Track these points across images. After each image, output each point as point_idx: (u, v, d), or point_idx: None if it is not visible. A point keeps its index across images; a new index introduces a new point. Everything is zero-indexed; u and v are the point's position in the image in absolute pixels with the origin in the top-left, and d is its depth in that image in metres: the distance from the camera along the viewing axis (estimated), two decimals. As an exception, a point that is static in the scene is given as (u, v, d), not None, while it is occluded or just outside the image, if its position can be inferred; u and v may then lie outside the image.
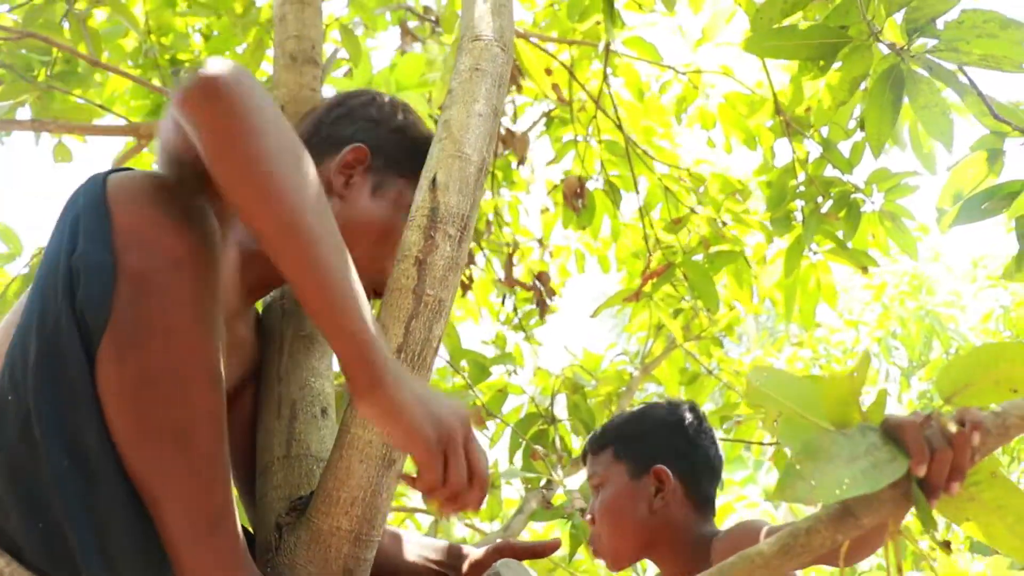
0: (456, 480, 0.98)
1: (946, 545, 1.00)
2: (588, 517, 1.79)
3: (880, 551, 1.08)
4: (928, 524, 0.92)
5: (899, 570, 1.03)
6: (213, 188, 1.00)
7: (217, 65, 0.97)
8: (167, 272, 0.97)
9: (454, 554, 1.44)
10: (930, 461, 0.92)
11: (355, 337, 0.96)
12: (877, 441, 0.97)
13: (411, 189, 1.36)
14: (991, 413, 1.01)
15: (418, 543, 1.46)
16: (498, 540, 1.43)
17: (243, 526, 1.30)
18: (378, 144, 1.39)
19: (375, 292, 1.32)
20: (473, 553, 1.43)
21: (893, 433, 0.97)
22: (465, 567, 1.42)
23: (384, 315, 1.21)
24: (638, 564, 2.38)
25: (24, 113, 2.64)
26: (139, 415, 0.96)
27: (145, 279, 0.96)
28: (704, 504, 1.78)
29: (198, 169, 1.00)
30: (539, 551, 1.41)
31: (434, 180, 1.27)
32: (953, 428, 0.96)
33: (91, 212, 0.98)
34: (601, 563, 3.16)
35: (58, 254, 0.99)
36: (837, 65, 1.99)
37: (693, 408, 1.89)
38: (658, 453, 1.77)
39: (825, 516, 1.03)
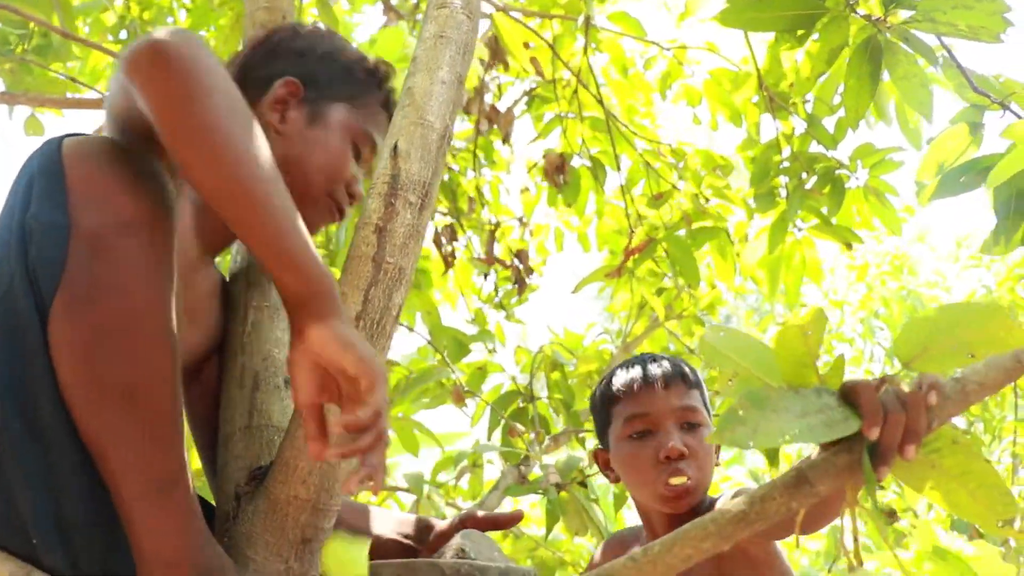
0: (381, 419, 0.97)
1: (891, 515, 1.00)
2: (680, 449, 1.58)
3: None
4: (871, 490, 0.92)
5: (855, 539, 1.03)
6: (163, 149, 1.00)
7: (164, 31, 0.98)
8: (120, 232, 0.96)
9: (420, 527, 1.44)
10: (883, 423, 0.92)
11: (314, 276, 0.99)
12: (832, 402, 0.96)
13: (349, 113, 1.38)
14: (950, 379, 1.01)
15: (385, 517, 1.45)
16: (462, 512, 1.43)
17: (203, 498, 1.30)
18: (308, 74, 1.38)
19: (340, 212, 1.38)
20: (438, 525, 1.43)
21: (849, 396, 0.96)
22: (431, 539, 1.41)
23: (343, 282, 1.20)
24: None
25: (-1, 86, 2.62)
26: (90, 375, 0.95)
27: (98, 239, 0.95)
28: None
29: (146, 132, 1.00)
30: (502, 522, 1.41)
31: (395, 147, 1.26)
32: (908, 391, 0.95)
33: (45, 174, 0.98)
34: (579, 539, 3.15)
35: (12, 216, 0.98)
36: (815, 36, 1.98)
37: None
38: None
39: (781, 484, 1.02)
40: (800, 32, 1.94)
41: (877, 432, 0.91)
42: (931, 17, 1.84)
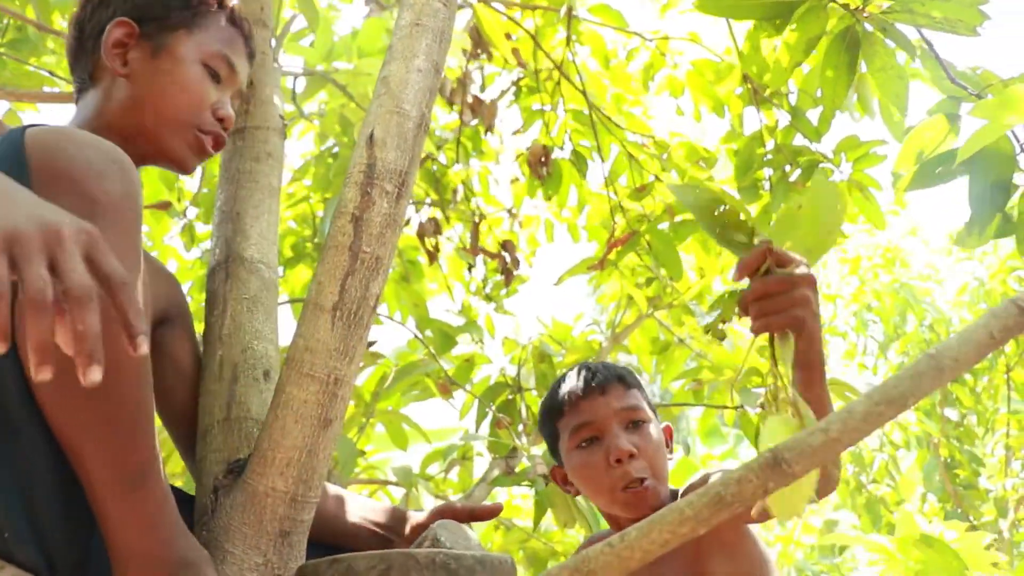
0: (33, 292, 0.75)
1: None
2: (628, 450, 1.59)
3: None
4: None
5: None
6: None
7: None
8: (86, 218, 0.95)
9: (397, 517, 1.43)
10: None
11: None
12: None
13: (193, 38, 1.37)
14: (924, 355, 1.03)
15: (361, 505, 1.45)
16: (440, 503, 1.42)
17: (182, 489, 1.29)
18: (139, 11, 1.36)
19: (214, 146, 1.37)
20: (415, 517, 1.42)
21: None
22: (407, 530, 1.41)
23: (320, 272, 1.19)
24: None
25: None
26: (58, 368, 0.94)
27: None
28: None
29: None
30: (479, 513, 1.40)
31: (371, 136, 1.25)
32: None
33: (9, 163, 0.96)
34: (572, 531, 3.16)
35: None
36: (793, 27, 1.98)
37: None
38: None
39: (757, 465, 1.02)
40: (778, 21, 1.93)
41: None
42: (909, 8, 1.84)
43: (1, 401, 0.94)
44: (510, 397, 2.99)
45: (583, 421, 1.63)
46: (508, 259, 3.25)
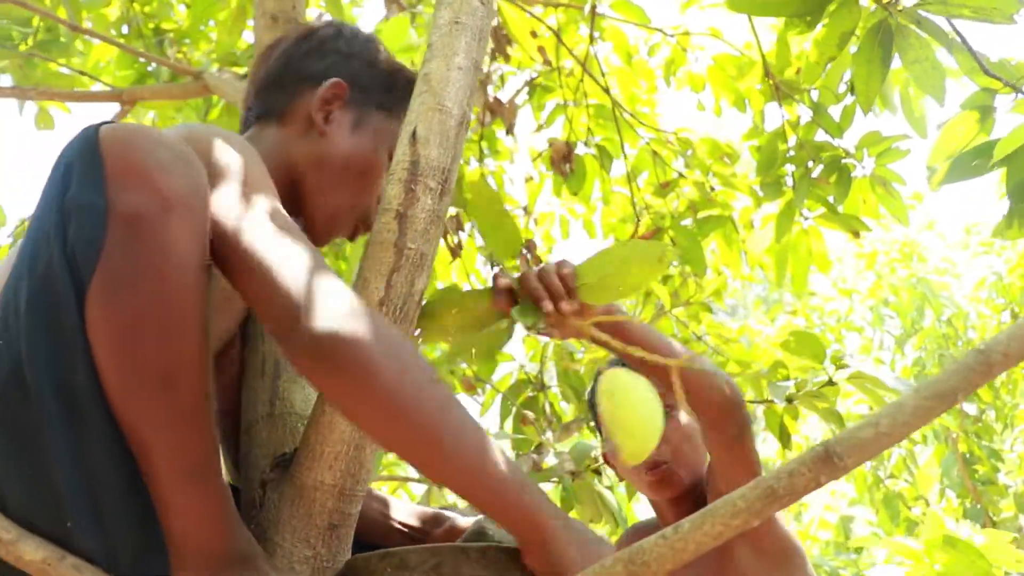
0: None
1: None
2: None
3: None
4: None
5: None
6: None
7: (328, 318, 0.99)
8: (157, 215, 0.96)
9: (438, 519, 1.44)
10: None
11: (525, 524, 1.05)
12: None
13: (389, 122, 1.40)
14: (973, 351, 1.02)
15: (404, 508, 1.45)
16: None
17: (231, 484, 1.30)
18: (354, 77, 1.40)
19: (364, 226, 1.40)
20: (459, 521, 1.42)
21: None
22: (439, 531, 1.42)
23: (365, 269, 1.20)
24: None
25: (5, 81, 2.62)
26: (126, 359, 0.95)
27: (136, 221, 0.94)
28: None
29: None
30: None
31: (414, 133, 1.26)
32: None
33: (83, 157, 0.97)
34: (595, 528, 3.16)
35: (50, 200, 0.98)
36: (825, 21, 1.98)
37: None
38: None
39: (809, 458, 1.03)
40: (809, 17, 1.93)
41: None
42: (943, 0, 1.84)
43: (70, 392, 0.94)
44: (532, 394, 2.99)
45: None
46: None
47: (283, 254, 1.03)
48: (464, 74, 1.33)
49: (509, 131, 3.43)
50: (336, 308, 0.99)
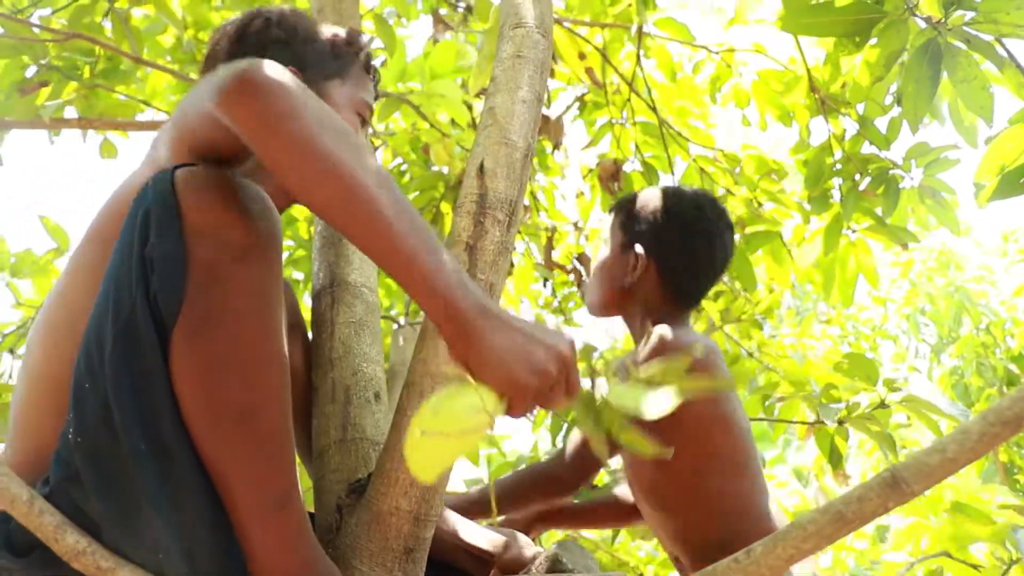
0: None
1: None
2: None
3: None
4: None
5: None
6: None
7: (246, 62, 1.00)
8: (235, 261, 1.00)
9: (508, 546, 1.46)
10: None
11: (436, 293, 0.95)
12: None
13: (344, 87, 1.44)
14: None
15: (472, 530, 1.48)
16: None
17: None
18: (300, 59, 1.43)
19: None
20: (526, 551, 1.42)
21: None
22: (506, 554, 1.43)
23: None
24: None
25: (70, 111, 2.70)
26: (210, 398, 0.99)
27: (214, 268, 0.99)
28: (679, 296, 1.84)
29: (230, 159, 1.07)
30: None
31: (481, 166, 1.30)
32: None
33: (161, 206, 1.02)
34: (646, 544, 3.17)
35: (130, 246, 1.02)
36: (873, 41, 1.99)
37: (711, 205, 1.90)
38: (646, 237, 1.84)
39: (876, 484, 1.05)
40: (859, 38, 1.95)
41: None
42: (993, 18, 1.85)
43: (156, 431, 0.99)
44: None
45: None
46: (583, 272, 3.28)
47: None
48: (528, 107, 1.36)
49: (556, 147, 3.46)
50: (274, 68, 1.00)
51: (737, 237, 2.92)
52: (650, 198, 1.91)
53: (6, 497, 1.02)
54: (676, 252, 1.82)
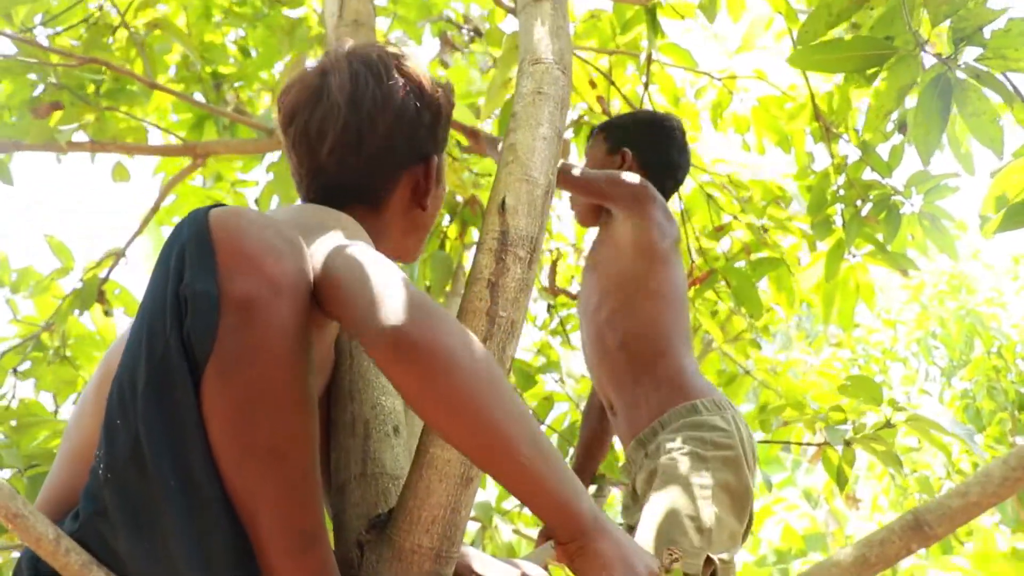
0: None
1: None
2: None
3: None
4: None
5: None
6: None
7: (402, 311, 1.00)
8: (267, 301, 1.01)
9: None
10: None
11: (559, 507, 1.06)
12: None
13: (440, 156, 1.49)
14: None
15: (487, 563, 1.48)
16: None
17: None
18: (436, 145, 1.46)
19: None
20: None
21: None
22: None
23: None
24: None
25: (80, 133, 2.71)
26: (240, 436, 1.00)
27: (247, 307, 1.00)
28: (658, 187, 2.23)
29: None
30: None
31: (503, 203, 1.30)
32: None
33: (196, 244, 1.03)
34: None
35: (164, 284, 1.03)
36: (883, 76, 2.01)
37: (679, 127, 2.41)
38: (631, 141, 2.32)
39: (898, 527, 1.06)
40: (868, 72, 1.97)
41: None
42: (1002, 54, 1.87)
43: (186, 468, 1.00)
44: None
45: None
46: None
47: (367, 265, 1.06)
48: (548, 144, 1.38)
49: (559, 169, 3.49)
50: (412, 304, 1.01)
51: (742, 264, 2.95)
52: (624, 116, 2.55)
53: (32, 536, 1.03)
54: (651, 148, 2.32)
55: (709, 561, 1.75)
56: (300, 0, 3.21)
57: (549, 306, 3.49)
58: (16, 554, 2.42)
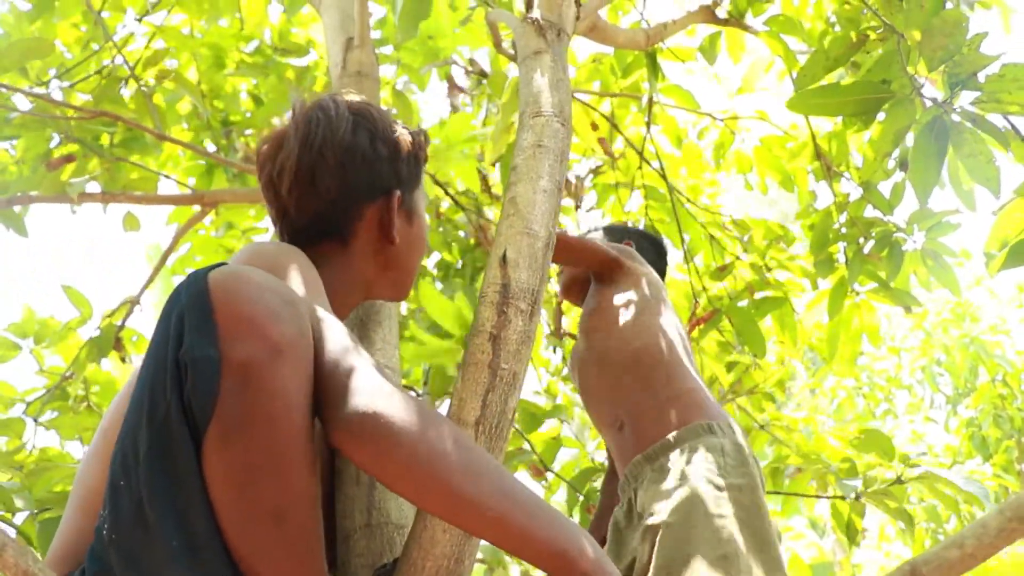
0: None
1: None
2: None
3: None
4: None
5: None
6: None
7: (367, 397, 1.05)
8: (267, 364, 1.02)
9: None
10: None
11: (554, 554, 1.06)
12: None
13: (419, 192, 1.51)
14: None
15: None
16: None
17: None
18: (399, 178, 1.47)
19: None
20: None
21: None
22: None
23: (462, 390, 1.26)
24: None
25: (92, 184, 2.75)
26: (242, 498, 1.01)
27: (248, 371, 1.01)
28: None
29: None
30: None
31: (504, 257, 1.33)
32: None
33: (195, 308, 1.04)
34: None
35: (164, 348, 1.05)
36: (880, 116, 2.04)
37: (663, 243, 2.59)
38: (631, 236, 2.45)
39: (897, 578, 1.07)
40: (866, 116, 2.00)
41: None
42: (997, 98, 1.90)
43: (189, 530, 1.01)
44: (597, 483, 3.00)
45: None
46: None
47: (337, 358, 1.09)
48: (548, 196, 1.40)
49: (578, 206, 3.54)
50: (368, 390, 1.05)
51: (745, 303, 2.96)
52: (620, 224, 2.73)
53: (40, 592, 1.04)
54: (648, 250, 2.43)
55: None
56: (305, 49, 3.27)
57: (554, 349, 3.50)
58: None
